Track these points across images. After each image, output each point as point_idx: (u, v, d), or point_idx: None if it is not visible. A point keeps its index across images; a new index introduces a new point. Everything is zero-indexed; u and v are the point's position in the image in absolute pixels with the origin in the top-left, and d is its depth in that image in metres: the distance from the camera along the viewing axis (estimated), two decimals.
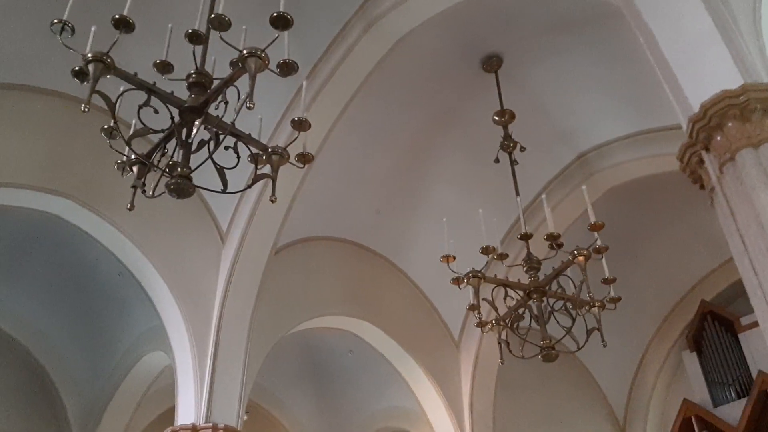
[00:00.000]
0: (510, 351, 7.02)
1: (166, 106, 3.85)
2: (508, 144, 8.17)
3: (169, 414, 8.49)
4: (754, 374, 11.61)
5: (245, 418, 8.36)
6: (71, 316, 10.61)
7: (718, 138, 3.45)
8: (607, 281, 6.81)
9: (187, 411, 8.04)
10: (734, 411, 11.62)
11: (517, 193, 7.69)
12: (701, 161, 3.73)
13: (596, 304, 6.73)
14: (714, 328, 12.64)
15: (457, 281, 6.87)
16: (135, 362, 10.57)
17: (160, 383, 10.62)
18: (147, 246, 8.54)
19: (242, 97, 3.45)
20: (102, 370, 10.80)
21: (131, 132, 3.92)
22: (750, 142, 3.45)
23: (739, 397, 11.85)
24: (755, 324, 11.79)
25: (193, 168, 3.73)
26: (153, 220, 8.65)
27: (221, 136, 3.82)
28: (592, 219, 6.34)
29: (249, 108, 3.36)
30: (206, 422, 7.88)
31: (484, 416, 11.25)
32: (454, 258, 6.70)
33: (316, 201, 10.03)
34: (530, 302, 6.88)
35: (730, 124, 3.43)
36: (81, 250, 9.47)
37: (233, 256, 9.00)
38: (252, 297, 9.02)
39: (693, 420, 11.84)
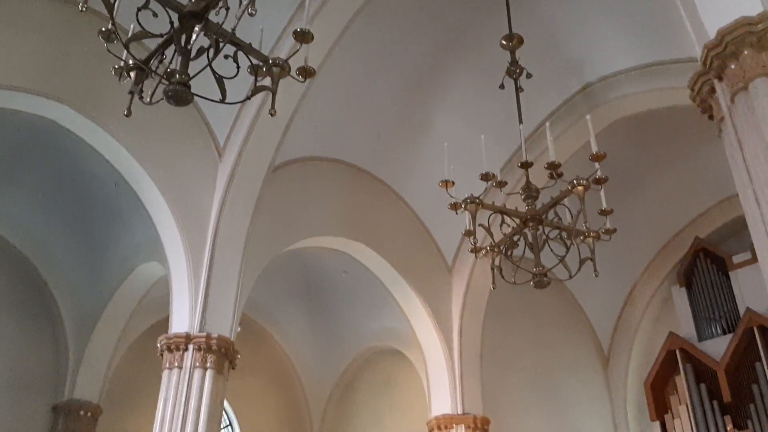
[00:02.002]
0: (503, 277, 7.06)
1: (166, 10, 3.72)
2: (514, 70, 7.96)
3: (164, 324, 8.64)
4: (742, 311, 11.79)
5: (239, 330, 8.50)
6: (68, 224, 10.66)
7: (733, 66, 3.36)
8: (604, 212, 6.78)
9: (181, 321, 8.16)
10: (719, 346, 11.86)
11: (521, 121, 7.57)
12: (713, 90, 3.63)
13: (591, 235, 6.73)
14: (706, 265, 12.76)
15: (454, 206, 6.83)
16: (130, 271, 10.69)
17: (155, 293, 10.77)
18: (143, 156, 8.49)
19: (244, 2, 3.32)
20: (98, 278, 10.93)
21: (129, 35, 3.80)
22: (765, 72, 3.35)
23: (724, 333, 12.08)
24: (747, 262, 11.93)
25: (191, 75, 3.64)
26: (150, 131, 8.57)
27: (221, 44, 3.70)
28: (594, 149, 6.25)
29: (251, 14, 3.24)
30: (200, 332, 8.00)
31: (472, 339, 11.48)
32: (453, 183, 6.64)
33: (316, 121, 9.91)
34: (526, 230, 6.87)
35: (746, 52, 3.33)
36: (78, 158, 9.42)
37: (230, 171, 8.97)
38: (248, 213, 9.04)
39: (677, 353, 12.08)
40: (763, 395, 10.92)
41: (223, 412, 10.85)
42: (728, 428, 10.79)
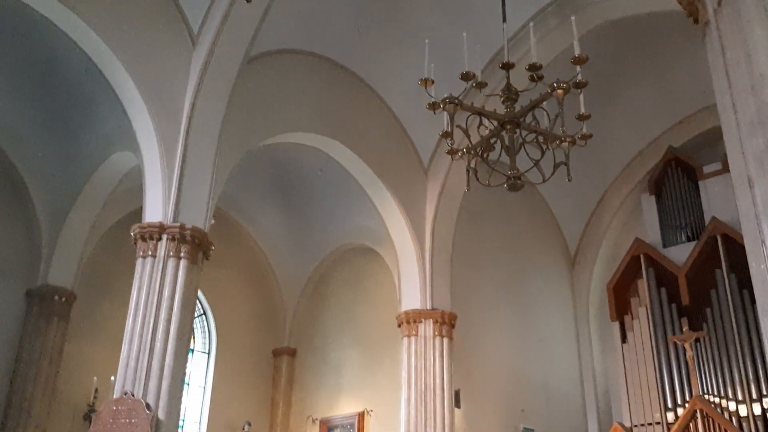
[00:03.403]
0: (477, 179, 7.09)
1: None
2: None
3: (138, 213, 8.62)
4: (708, 220, 12.12)
5: (212, 222, 8.53)
6: (39, 111, 10.41)
7: None
8: (581, 117, 6.77)
9: (155, 210, 8.15)
10: (682, 253, 12.25)
11: (504, 20, 7.39)
12: None
13: (567, 140, 6.75)
14: (676, 174, 12.98)
15: (432, 106, 6.76)
16: (102, 160, 10.56)
17: (129, 182, 10.69)
18: (114, 41, 8.19)
19: None
20: (70, 165, 10.80)
21: None
22: None
23: (689, 240, 12.45)
24: (717, 172, 12.14)
25: None
26: (122, 15, 8.25)
27: None
28: (577, 51, 6.16)
29: None
30: (174, 222, 8.01)
31: (444, 241, 11.68)
32: (433, 82, 6.55)
33: (295, 11, 9.59)
34: (503, 133, 6.87)
35: None
36: (48, 43, 9.09)
37: (204, 59, 8.72)
38: (223, 104, 8.87)
39: (641, 258, 12.46)
40: (720, 300, 11.40)
41: (197, 302, 11.07)
42: (684, 330, 11.29)
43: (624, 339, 12.32)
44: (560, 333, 14.07)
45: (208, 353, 12.89)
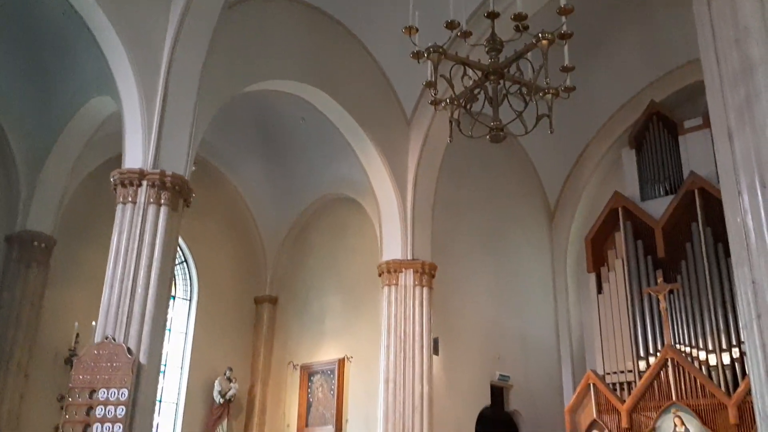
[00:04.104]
0: (460, 130, 7.09)
1: None
2: None
3: (118, 159, 8.52)
4: (686, 175, 12.26)
5: (193, 169, 8.47)
6: (14, 55, 10.18)
7: None
8: (565, 69, 6.75)
9: (135, 156, 8.07)
10: (660, 206, 12.42)
11: None
12: None
13: (551, 92, 6.75)
14: (657, 129, 13.07)
15: (416, 55, 6.70)
16: (81, 105, 10.38)
17: (109, 128, 10.54)
18: None
19: None
20: (48, 110, 10.61)
21: None
22: None
23: (667, 194, 12.62)
24: (697, 127, 12.25)
25: None
26: None
27: None
28: (563, 2, 6.12)
29: None
30: (154, 168, 7.94)
31: (426, 192, 11.72)
32: (417, 30, 6.48)
33: None
34: (487, 83, 6.85)
35: None
36: None
37: (184, 4, 8.52)
38: (203, 49, 8.70)
39: (620, 211, 12.62)
40: (694, 253, 11.63)
41: (178, 249, 11.07)
42: (659, 281, 11.54)
43: (600, 290, 12.56)
44: (538, 284, 14.31)
45: (190, 300, 12.96)
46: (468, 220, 13.03)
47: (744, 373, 10.38)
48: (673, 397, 10.54)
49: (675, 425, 10.37)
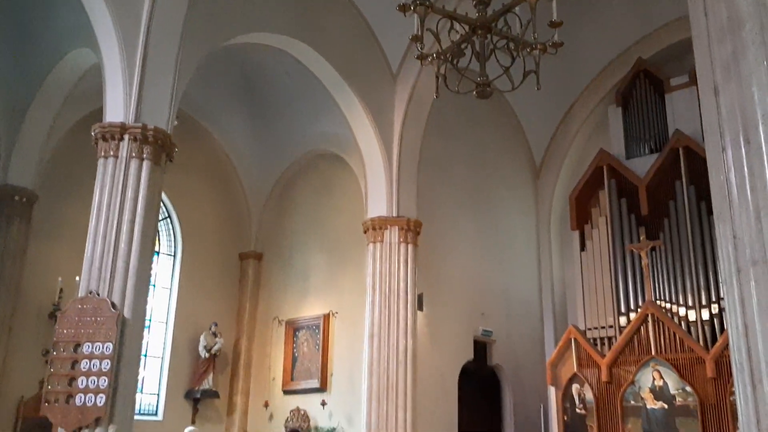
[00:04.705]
0: (446, 86, 7.03)
1: None
2: None
3: (98, 113, 8.38)
4: (671, 133, 12.28)
5: (176, 124, 8.35)
6: None
7: None
8: (553, 24, 6.67)
9: (116, 110, 7.92)
10: (644, 164, 12.47)
11: None
12: None
13: (538, 47, 6.68)
14: (644, 86, 13.04)
15: (402, 8, 6.59)
16: (60, 58, 10.16)
17: (89, 81, 10.33)
18: None
19: None
20: (26, 63, 10.38)
21: None
22: None
23: (652, 152, 12.66)
24: (684, 85, 12.23)
25: None
26: None
27: None
28: None
29: None
30: (135, 122, 7.82)
31: (412, 148, 11.67)
32: None
33: None
34: (474, 38, 6.76)
35: None
36: None
37: None
38: None
39: (604, 168, 12.66)
40: (677, 211, 11.73)
41: (162, 204, 11.01)
42: (641, 238, 11.65)
43: (583, 247, 12.67)
44: (522, 241, 14.41)
45: (174, 256, 12.94)
46: (453, 178, 13.03)
47: (722, 329, 10.58)
48: (653, 352, 10.74)
49: (653, 379, 10.59)
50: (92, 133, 7.93)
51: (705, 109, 3.35)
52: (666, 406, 10.42)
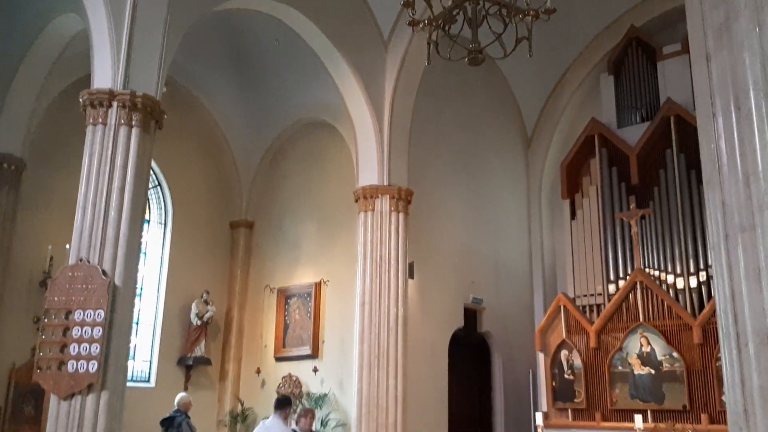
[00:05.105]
0: (438, 53, 6.97)
1: None
2: None
3: (86, 80, 8.26)
4: (663, 101, 12.27)
5: (164, 90, 8.25)
6: None
7: None
8: None
9: (104, 76, 7.81)
10: (636, 133, 12.49)
11: None
12: None
13: (531, 13, 6.63)
14: (636, 54, 12.99)
15: None
16: (47, 23, 9.97)
17: (77, 48, 10.16)
18: None
19: None
20: (12, 31, 10.19)
21: None
22: None
23: (643, 121, 12.67)
24: (676, 53, 12.19)
25: None
26: None
27: None
28: None
29: None
30: (124, 89, 7.72)
31: (403, 117, 11.61)
32: None
33: None
34: (466, 4, 6.70)
35: None
36: None
37: None
38: None
39: (596, 137, 12.67)
40: (667, 179, 11.78)
41: (152, 173, 10.94)
42: (631, 207, 11.72)
43: (573, 216, 12.74)
44: (512, 210, 14.46)
45: (164, 224, 12.90)
46: (445, 146, 13.00)
47: (709, 296, 10.71)
48: (641, 319, 10.88)
49: (641, 345, 10.74)
50: (80, 100, 7.84)
51: (696, 76, 3.35)
52: (653, 371, 10.58)
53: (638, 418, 9.89)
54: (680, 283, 11.25)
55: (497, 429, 13.24)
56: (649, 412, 10.36)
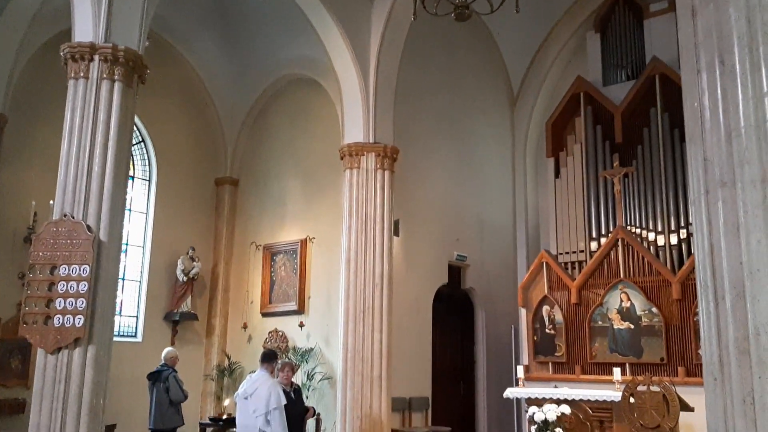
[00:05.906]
0: (425, 7, 6.91)
1: None
2: None
3: (67, 34, 8.11)
4: (648, 60, 12.26)
5: (147, 44, 8.11)
6: None
7: None
8: None
9: (85, 30, 7.66)
10: (621, 91, 12.49)
11: None
12: None
13: None
14: (623, 12, 12.92)
15: None
16: None
17: (55, 2, 9.96)
18: None
19: None
20: None
21: None
22: None
23: (628, 79, 12.66)
24: (662, 11, 12.15)
25: None
26: None
27: None
28: None
29: None
30: (105, 42, 7.59)
31: (388, 74, 11.51)
32: None
33: None
34: None
35: None
36: None
37: None
38: None
39: (581, 95, 12.66)
40: (651, 138, 11.85)
41: (136, 129, 10.83)
42: (615, 165, 11.80)
43: (557, 174, 12.80)
44: (497, 168, 14.51)
45: (149, 181, 12.83)
46: (430, 104, 12.96)
47: (689, 253, 10.88)
48: (621, 275, 11.06)
49: (621, 300, 10.94)
50: (61, 54, 7.70)
51: (682, 32, 3.36)
52: (632, 326, 10.81)
53: (617, 371, 10.12)
54: (661, 241, 11.41)
55: (479, 380, 13.53)
56: (627, 365, 10.60)
